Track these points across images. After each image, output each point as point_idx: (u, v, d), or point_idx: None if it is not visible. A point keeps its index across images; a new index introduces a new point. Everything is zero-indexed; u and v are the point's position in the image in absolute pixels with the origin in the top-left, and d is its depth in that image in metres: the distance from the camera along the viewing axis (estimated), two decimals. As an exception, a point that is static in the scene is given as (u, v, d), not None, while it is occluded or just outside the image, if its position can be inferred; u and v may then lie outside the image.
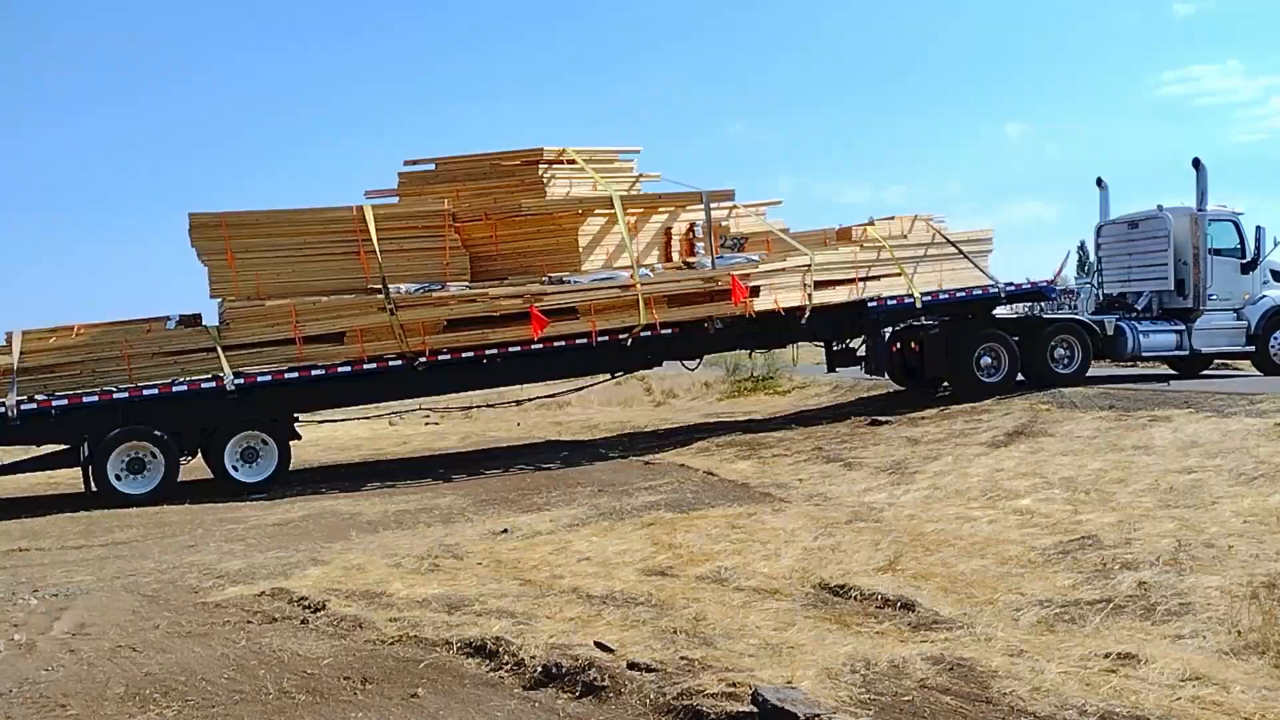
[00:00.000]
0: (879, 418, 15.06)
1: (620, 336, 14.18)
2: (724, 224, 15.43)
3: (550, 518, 9.92)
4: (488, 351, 13.80)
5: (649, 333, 14.20)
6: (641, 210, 14.96)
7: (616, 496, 10.83)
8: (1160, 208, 17.18)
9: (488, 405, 20.56)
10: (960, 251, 16.60)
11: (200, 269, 13.55)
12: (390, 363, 13.51)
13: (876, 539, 7.92)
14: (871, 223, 16.44)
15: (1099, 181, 18.49)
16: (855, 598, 6.45)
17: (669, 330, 14.54)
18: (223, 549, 9.47)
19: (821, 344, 17.63)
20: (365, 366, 13.43)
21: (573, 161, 14.78)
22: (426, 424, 21.31)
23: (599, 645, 5.66)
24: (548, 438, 17.93)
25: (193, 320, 13.62)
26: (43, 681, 5.79)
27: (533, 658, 5.57)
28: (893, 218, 16.66)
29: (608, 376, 16.32)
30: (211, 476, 13.45)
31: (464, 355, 13.75)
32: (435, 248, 13.88)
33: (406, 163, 15.02)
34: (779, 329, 15.68)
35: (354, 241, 13.58)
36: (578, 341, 14.03)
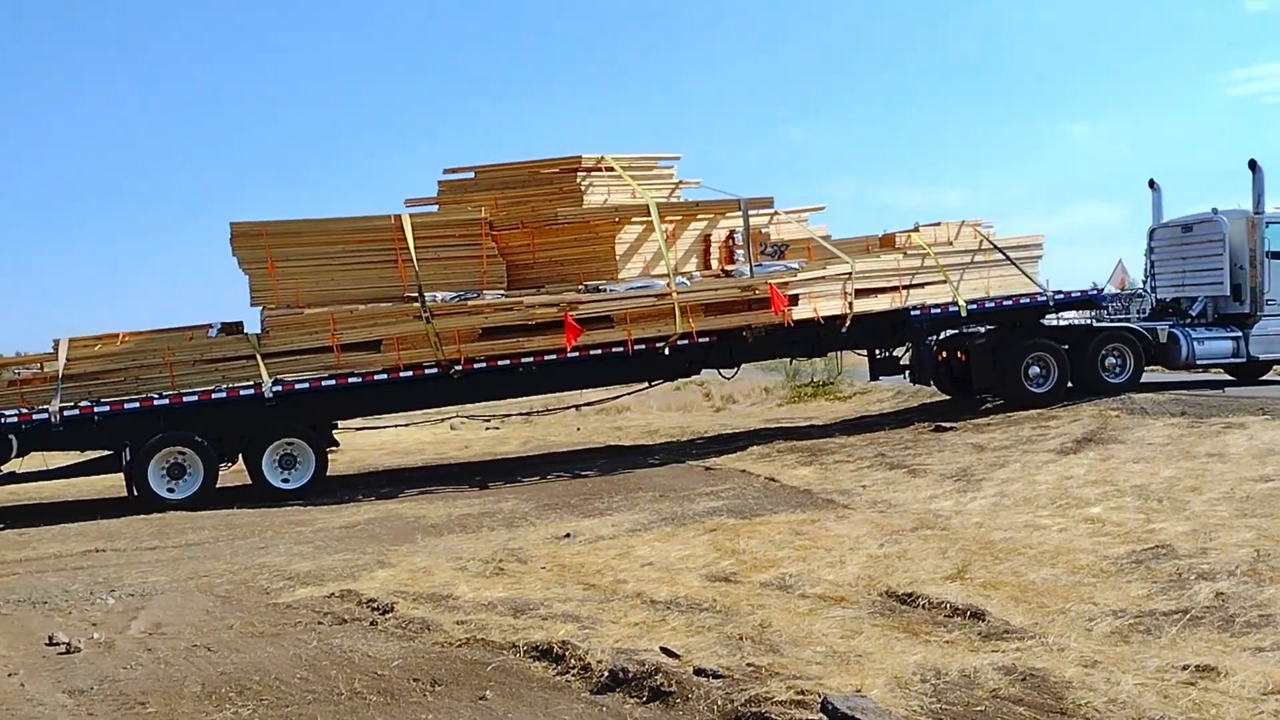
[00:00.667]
0: (943, 424, 14.87)
1: (657, 345, 14.11)
2: (764, 231, 15.28)
3: (612, 522, 9.95)
4: (523, 360, 13.81)
5: (686, 341, 14.12)
6: (680, 218, 14.90)
7: (678, 502, 10.83)
8: (1215, 210, 16.71)
9: (547, 410, 20.67)
10: (1008, 258, 16.26)
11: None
12: (426, 370, 13.59)
13: (943, 547, 7.83)
14: (916, 229, 16.19)
15: (1151, 184, 18.07)
16: (923, 606, 6.37)
17: (706, 339, 14.46)
18: (292, 551, 9.64)
19: (864, 352, 17.46)
20: (401, 374, 13.51)
21: (611, 169, 14.76)
22: (487, 429, 21.49)
23: (665, 651, 5.67)
24: (607, 442, 17.98)
25: (234, 328, 13.82)
26: (122, 679, 5.94)
27: (599, 662, 5.59)
28: (939, 223, 16.37)
29: (645, 384, 16.27)
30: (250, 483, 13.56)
31: (499, 363, 13.78)
32: (472, 256, 13.93)
33: (446, 171, 15.10)
34: (819, 337, 15.51)
35: (392, 250, 13.65)
36: (614, 350, 13.98)
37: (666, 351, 14.22)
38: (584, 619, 6.51)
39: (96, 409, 12.83)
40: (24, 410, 12.73)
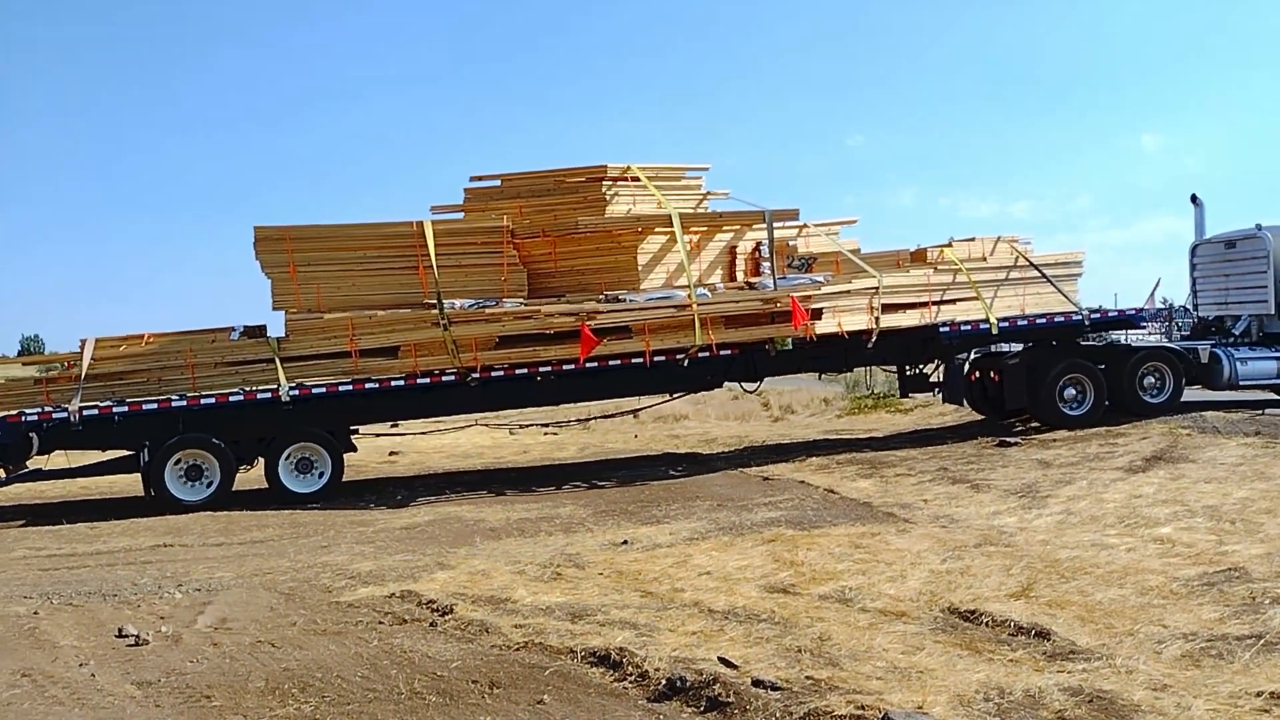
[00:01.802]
0: (1007, 439, 14.64)
1: (677, 357, 14.00)
2: (791, 244, 15.14)
3: (670, 530, 9.93)
4: (541, 369, 13.80)
5: (707, 353, 13.99)
6: (705, 229, 14.78)
7: (736, 511, 10.78)
8: (1259, 226, 16.20)
9: (605, 415, 20.71)
10: (1044, 275, 15.92)
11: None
12: (443, 378, 13.60)
13: (1008, 564, 7.69)
14: (950, 244, 15.95)
15: (1194, 198, 17.58)
16: (987, 624, 6.26)
17: (728, 351, 14.32)
18: (353, 550, 9.77)
19: (893, 369, 17.19)
20: (418, 381, 13.53)
21: (636, 179, 14.67)
22: (545, 434, 21.58)
23: (723, 661, 5.64)
24: (665, 450, 17.97)
25: (256, 331, 13.90)
26: (188, 673, 6.06)
27: (656, 670, 5.58)
28: (973, 239, 16.09)
29: (666, 397, 16.10)
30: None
31: (517, 372, 13.77)
32: (493, 264, 13.92)
33: (473, 178, 15.11)
34: (845, 352, 15.27)
35: (414, 256, 13.67)
36: (633, 361, 13.89)
37: (686, 364, 14.09)
38: (641, 626, 6.50)
39: (115, 409, 12.99)
40: (45, 409, 12.93)
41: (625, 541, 9.43)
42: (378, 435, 17.19)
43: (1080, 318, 15.79)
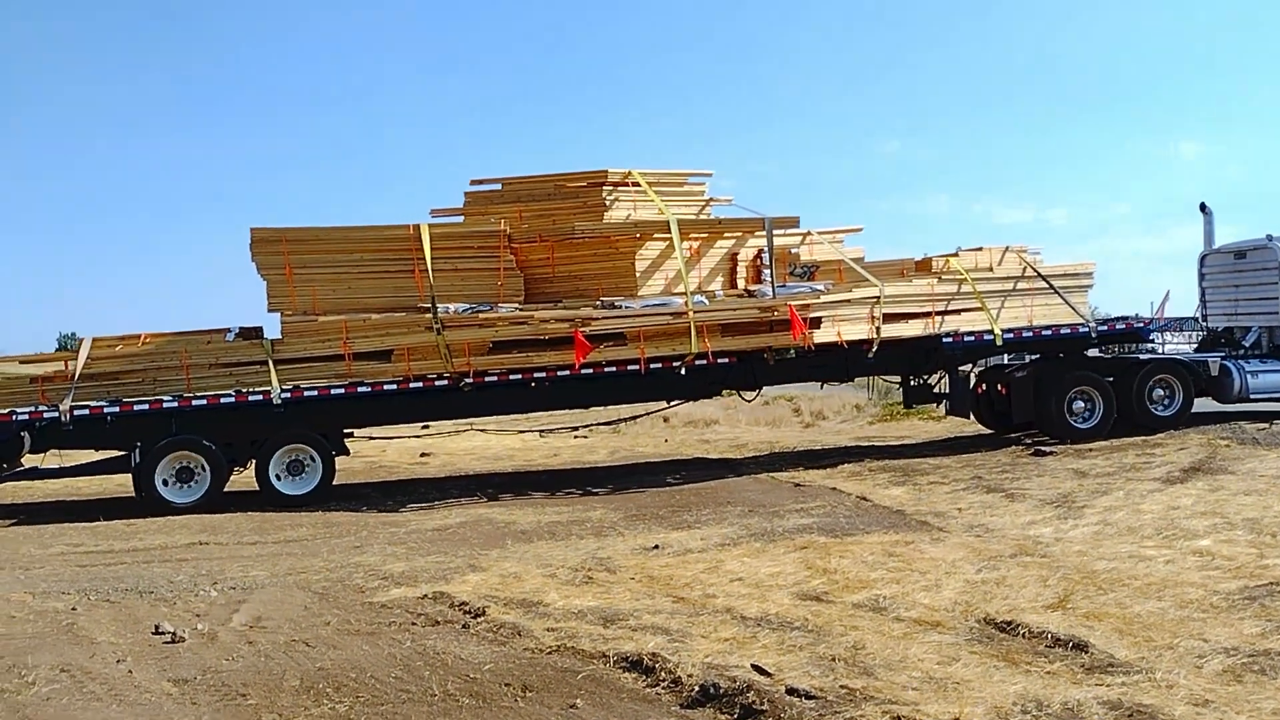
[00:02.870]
0: (1042, 447, 14.48)
1: (673, 364, 13.90)
2: (793, 251, 15.01)
3: (701, 536, 9.91)
4: (535, 375, 13.74)
5: (704, 361, 13.86)
6: (706, 235, 14.68)
7: (767, 518, 10.74)
8: (1270, 237, 15.90)
9: (633, 418, 20.70)
10: (1051, 286, 15.68)
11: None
12: (436, 382, 13.55)
13: (1044, 575, 7.61)
14: (956, 253, 15.80)
15: (1203, 207, 17.27)
16: (1023, 635, 6.19)
17: (726, 359, 14.20)
18: (386, 551, 9.82)
19: (896, 379, 17.05)
20: (411, 385, 13.49)
21: (638, 184, 14.59)
22: (575, 438, 21.61)
23: (756, 668, 5.61)
24: (695, 455, 17.94)
25: (253, 333, 13.90)
26: (224, 670, 6.11)
27: (689, 676, 5.56)
28: (981, 248, 15.94)
29: (664, 404, 15.96)
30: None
31: (512, 377, 13.69)
32: (490, 268, 13.86)
33: (473, 182, 15.03)
34: (845, 362, 15.11)
35: (410, 260, 13.62)
36: (629, 368, 13.80)
37: (683, 371, 13.99)
38: (673, 632, 6.49)
39: (107, 409, 12.99)
40: (36, 408, 12.95)
41: (656, 546, 9.42)
42: (386, 439, 17.32)
43: (1087, 330, 15.60)
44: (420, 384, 13.53)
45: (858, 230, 16.30)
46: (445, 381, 13.54)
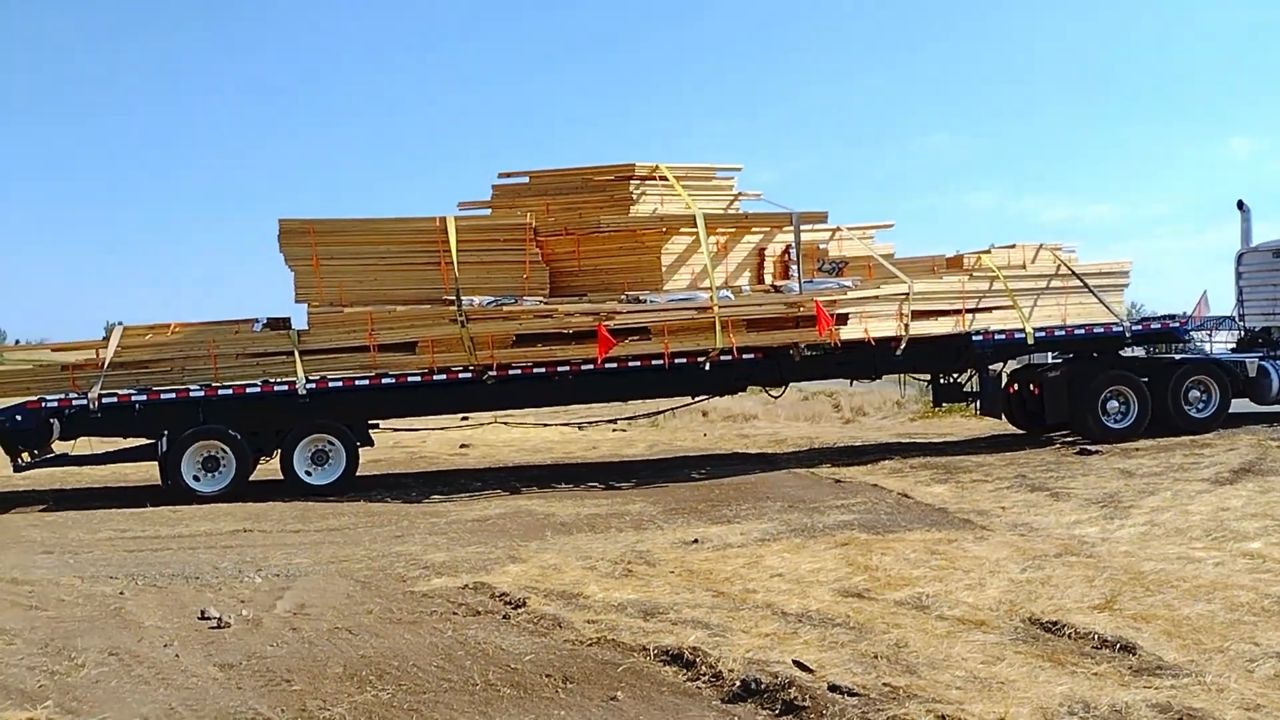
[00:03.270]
0: (1088, 446, 14.29)
1: (698, 360, 13.82)
2: (822, 247, 14.85)
3: (740, 530, 9.87)
4: (559, 368, 13.71)
5: (729, 357, 13.77)
6: (733, 230, 14.56)
7: (807, 513, 10.68)
8: None
9: (672, 410, 20.65)
10: (1085, 285, 15.43)
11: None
12: (460, 374, 13.56)
13: (1090, 575, 7.50)
14: (989, 250, 15.60)
15: (1240, 205, 16.91)
16: (1069, 635, 6.11)
17: (751, 355, 14.09)
18: (427, 541, 9.88)
19: (924, 377, 16.83)
20: (435, 377, 13.51)
21: (665, 178, 14.48)
22: (614, 430, 21.63)
23: (797, 664, 5.58)
24: (734, 450, 17.89)
25: (280, 324, 13.98)
26: (269, 656, 6.18)
27: (730, 671, 5.54)
28: (1014, 245, 15.71)
29: (689, 399, 15.86)
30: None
31: (535, 371, 13.69)
32: (515, 261, 13.80)
33: (501, 175, 15.01)
34: (874, 359, 14.95)
35: (435, 252, 13.62)
36: (653, 363, 13.73)
37: (707, 366, 13.91)
38: (714, 626, 6.47)
39: (135, 398, 13.11)
40: (65, 395, 13.11)
41: (696, 540, 9.40)
42: (427, 430, 17.40)
43: (1121, 329, 15.36)
44: (444, 376, 13.57)
45: (888, 226, 16.16)
46: (469, 374, 13.58)
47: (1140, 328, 15.76)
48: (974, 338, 14.85)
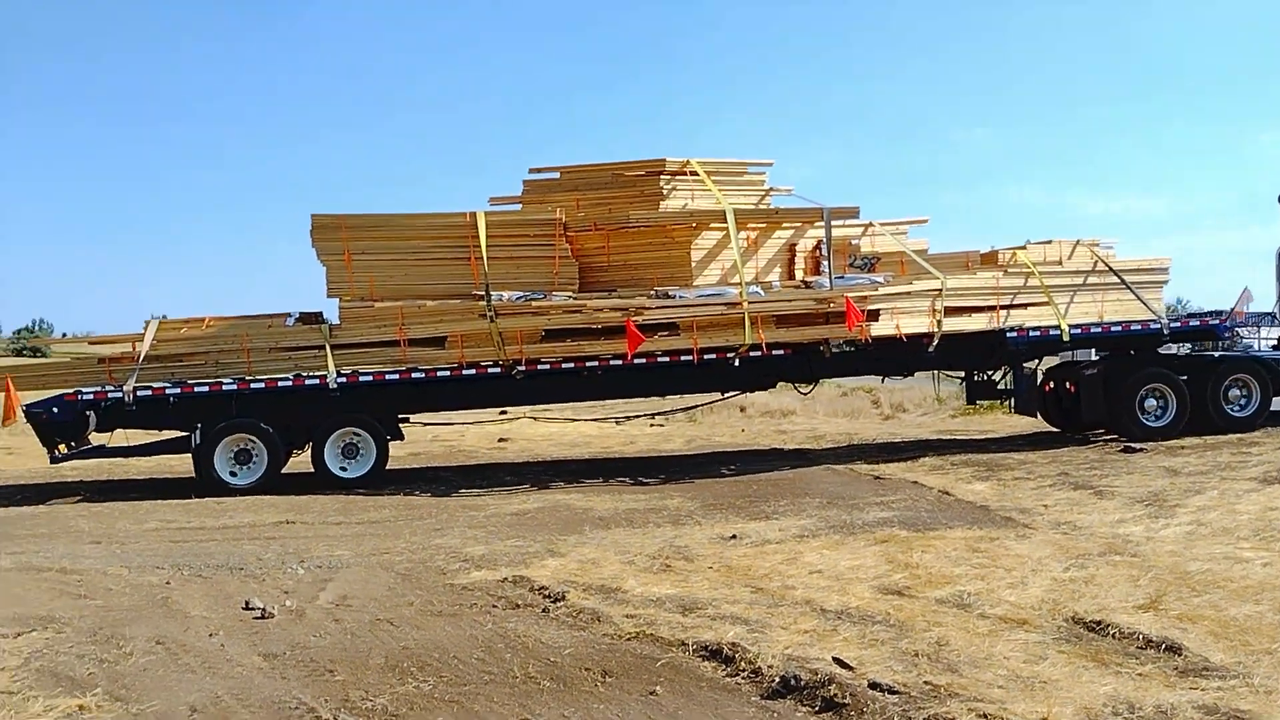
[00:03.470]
0: (1132, 444, 14.10)
1: (727, 355, 13.76)
2: (854, 243, 14.72)
3: (779, 527, 9.84)
4: (588, 364, 13.70)
5: (758, 353, 13.71)
6: (763, 225, 14.46)
7: (846, 510, 10.63)
8: None
9: (709, 405, 20.61)
10: (1123, 282, 15.20)
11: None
12: (489, 369, 13.60)
13: (1135, 574, 7.40)
14: (1025, 246, 15.38)
15: None
16: (1114, 635, 6.03)
17: (781, 351, 14.01)
18: (466, 534, 9.95)
19: (958, 375, 16.63)
20: (464, 372, 13.55)
21: (696, 173, 14.43)
22: (651, 425, 21.65)
23: (837, 661, 5.56)
24: (772, 445, 17.84)
25: (313, 318, 14.06)
26: (312, 647, 6.25)
27: (769, 667, 5.53)
28: (1050, 241, 15.48)
29: (719, 395, 15.82)
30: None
31: (564, 366, 13.69)
32: (545, 257, 13.81)
33: (532, 170, 15.00)
34: (904, 356, 14.82)
35: (465, 247, 13.65)
36: (682, 358, 13.69)
37: (736, 363, 13.85)
38: (752, 622, 6.46)
39: (169, 390, 13.26)
40: (101, 388, 13.26)
41: (734, 536, 9.39)
42: (465, 424, 17.47)
43: (1158, 326, 15.13)
44: (473, 371, 13.63)
45: (923, 221, 15.96)
46: (497, 369, 13.64)
47: (1179, 325, 15.52)
48: (1008, 334, 14.71)
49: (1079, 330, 14.92)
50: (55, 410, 13.28)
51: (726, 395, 15.92)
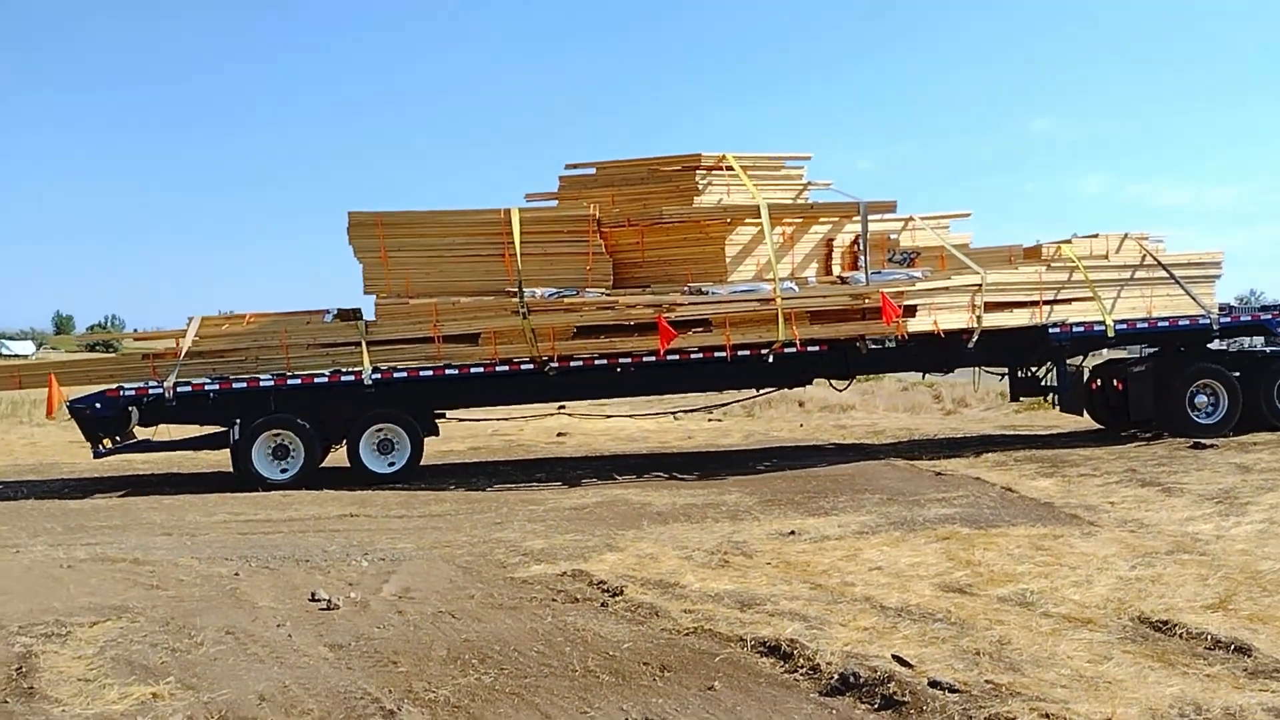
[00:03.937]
0: (1202, 440, 13.80)
1: (762, 352, 13.64)
2: (892, 237, 14.50)
3: (838, 523, 9.79)
4: (621, 360, 13.67)
5: (793, 349, 13.57)
6: (799, 221, 14.29)
7: (907, 506, 10.54)
8: None
9: (764, 395, 20.51)
10: (1172, 276, 14.81)
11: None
12: (522, 366, 13.62)
13: (1203, 573, 7.25)
14: (1070, 240, 15.04)
15: None
16: (1180, 635, 5.92)
17: (816, 347, 13.87)
18: (525, 528, 10.04)
19: (1000, 371, 16.29)
20: (497, 368, 13.59)
21: (731, 168, 14.31)
22: (710, 420, 21.63)
23: (897, 659, 5.53)
24: (831, 440, 17.74)
25: (350, 315, 14.18)
26: (376, 638, 6.37)
27: (828, 664, 5.52)
28: (1096, 235, 15.15)
29: (755, 392, 15.65)
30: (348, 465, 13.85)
31: (597, 362, 13.67)
32: (578, 253, 13.82)
33: (568, 166, 14.96)
34: (943, 352, 14.53)
35: (500, 244, 13.72)
36: (715, 355, 13.60)
37: (771, 359, 13.72)
38: (811, 619, 6.44)
39: (208, 386, 13.46)
40: (143, 384, 13.50)
41: (793, 532, 9.36)
42: (524, 418, 17.54)
43: (1207, 322, 14.72)
44: (506, 367, 13.71)
45: (965, 215, 15.66)
46: (530, 365, 13.69)
47: (1229, 320, 15.12)
48: (1050, 330, 14.44)
49: (1124, 325, 14.61)
50: (98, 405, 13.60)
51: (763, 392, 15.87)
